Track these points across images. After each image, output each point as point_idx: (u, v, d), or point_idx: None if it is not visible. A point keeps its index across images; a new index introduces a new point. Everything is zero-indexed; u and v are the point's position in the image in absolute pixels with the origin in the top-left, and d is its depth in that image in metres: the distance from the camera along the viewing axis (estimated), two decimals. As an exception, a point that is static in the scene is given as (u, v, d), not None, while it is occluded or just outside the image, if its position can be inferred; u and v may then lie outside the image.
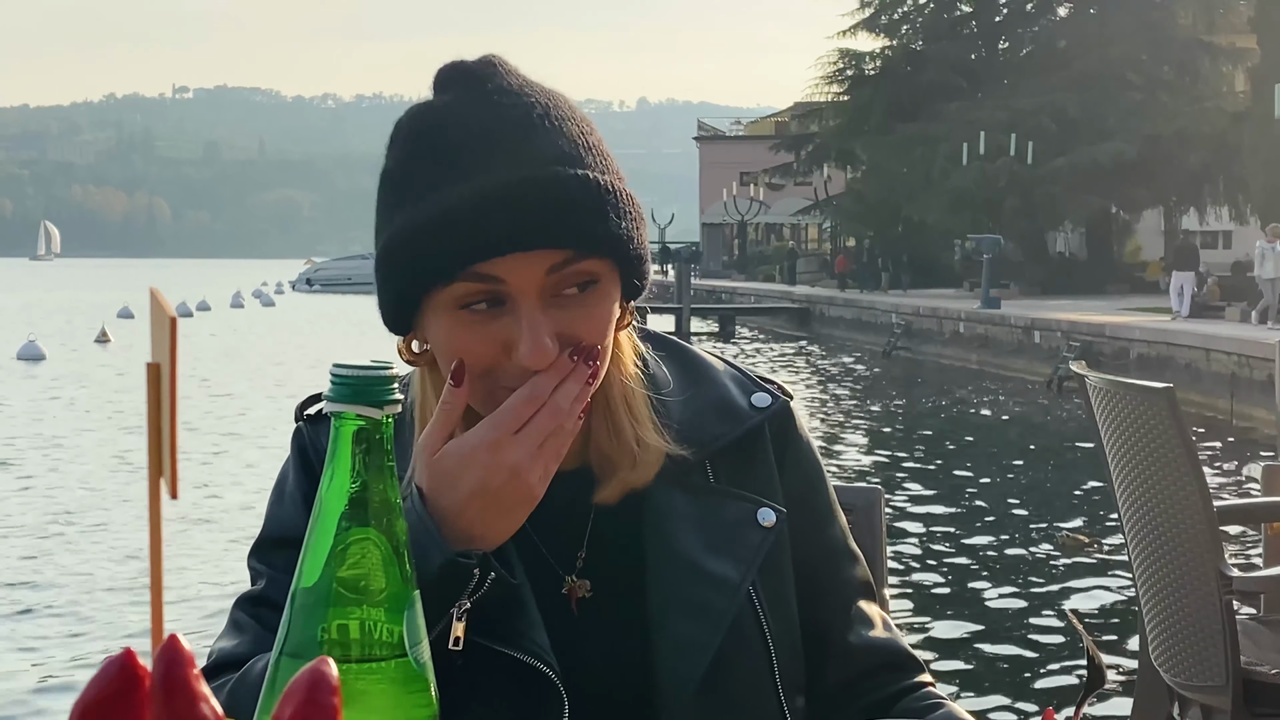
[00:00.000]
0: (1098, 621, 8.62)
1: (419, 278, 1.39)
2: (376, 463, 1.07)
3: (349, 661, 1.05)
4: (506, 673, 1.43)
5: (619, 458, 1.52)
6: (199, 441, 16.44)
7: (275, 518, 1.58)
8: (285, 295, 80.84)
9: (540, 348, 1.37)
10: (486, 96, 1.42)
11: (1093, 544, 10.75)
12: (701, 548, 1.52)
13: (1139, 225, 50.47)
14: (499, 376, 1.41)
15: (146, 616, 0.74)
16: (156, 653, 0.69)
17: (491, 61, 1.45)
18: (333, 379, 1.08)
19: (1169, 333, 23.60)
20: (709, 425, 1.58)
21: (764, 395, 1.62)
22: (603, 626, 1.51)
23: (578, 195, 1.37)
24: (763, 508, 1.56)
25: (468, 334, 1.40)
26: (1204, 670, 3.68)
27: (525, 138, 1.39)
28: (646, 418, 1.54)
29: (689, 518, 1.53)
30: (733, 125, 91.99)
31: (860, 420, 20.47)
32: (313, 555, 1.08)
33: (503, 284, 1.38)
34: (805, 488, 1.63)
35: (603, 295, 1.42)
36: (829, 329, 41.66)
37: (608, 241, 1.39)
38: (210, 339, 37.14)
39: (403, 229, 1.39)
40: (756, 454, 1.60)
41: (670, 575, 1.51)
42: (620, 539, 1.53)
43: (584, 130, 1.43)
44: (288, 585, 1.39)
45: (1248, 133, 34.39)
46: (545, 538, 1.53)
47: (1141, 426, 3.71)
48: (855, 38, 51.83)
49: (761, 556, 1.53)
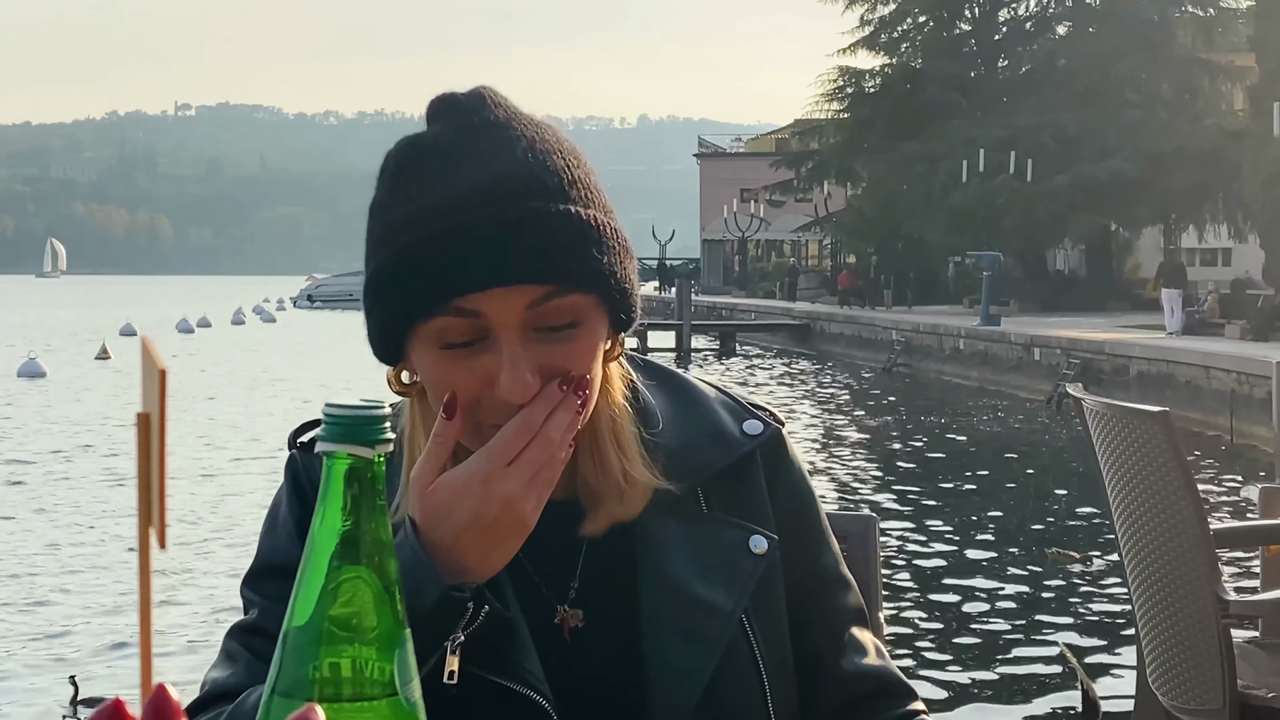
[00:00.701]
0: (1095, 644, 8.60)
1: (402, 310, 1.41)
2: (368, 502, 1.08)
3: (340, 700, 1.06)
4: (499, 702, 1.43)
5: (605, 492, 1.53)
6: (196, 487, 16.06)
7: (268, 546, 1.58)
8: (286, 311, 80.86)
9: (521, 383, 1.38)
10: (473, 130, 1.43)
11: (1083, 559, 10.76)
12: (694, 575, 1.52)
13: (1139, 243, 50.50)
14: (483, 410, 1.42)
15: (136, 665, 0.74)
16: (145, 702, 0.70)
17: (481, 94, 1.46)
18: (325, 418, 1.09)
19: (1169, 350, 23.60)
20: (701, 453, 1.58)
21: (755, 423, 1.62)
22: (596, 655, 1.52)
23: (558, 231, 1.38)
24: (755, 535, 1.56)
25: (451, 367, 1.41)
26: (1201, 694, 3.68)
27: (507, 172, 1.39)
28: (635, 452, 1.54)
29: (681, 545, 1.54)
30: (733, 142, 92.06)
31: (859, 437, 20.47)
32: (304, 594, 1.08)
33: (483, 319, 1.39)
34: (797, 514, 1.63)
35: (586, 330, 1.43)
36: (829, 345, 41.68)
37: (589, 277, 1.40)
38: (206, 362, 37.10)
39: (386, 262, 1.41)
40: (748, 481, 1.60)
41: (663, 603, 1.51)
42: (613, 568, 1.54)
43: (569, 164, 1.43)
44: (281, 614, 1.41)
45: (1247, 150, 34.43)
46: (538, 567, 1.54)
47: (1138, 450, 3.72)
48: (855, 56, 51.93)
49: (754, 584, 1.54)
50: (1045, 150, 41.95)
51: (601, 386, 1.50)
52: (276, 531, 1.58)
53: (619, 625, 1.52)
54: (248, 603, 1.57)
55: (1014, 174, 41.55)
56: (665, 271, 69.71)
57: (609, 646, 1.52)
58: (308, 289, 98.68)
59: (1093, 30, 46.55)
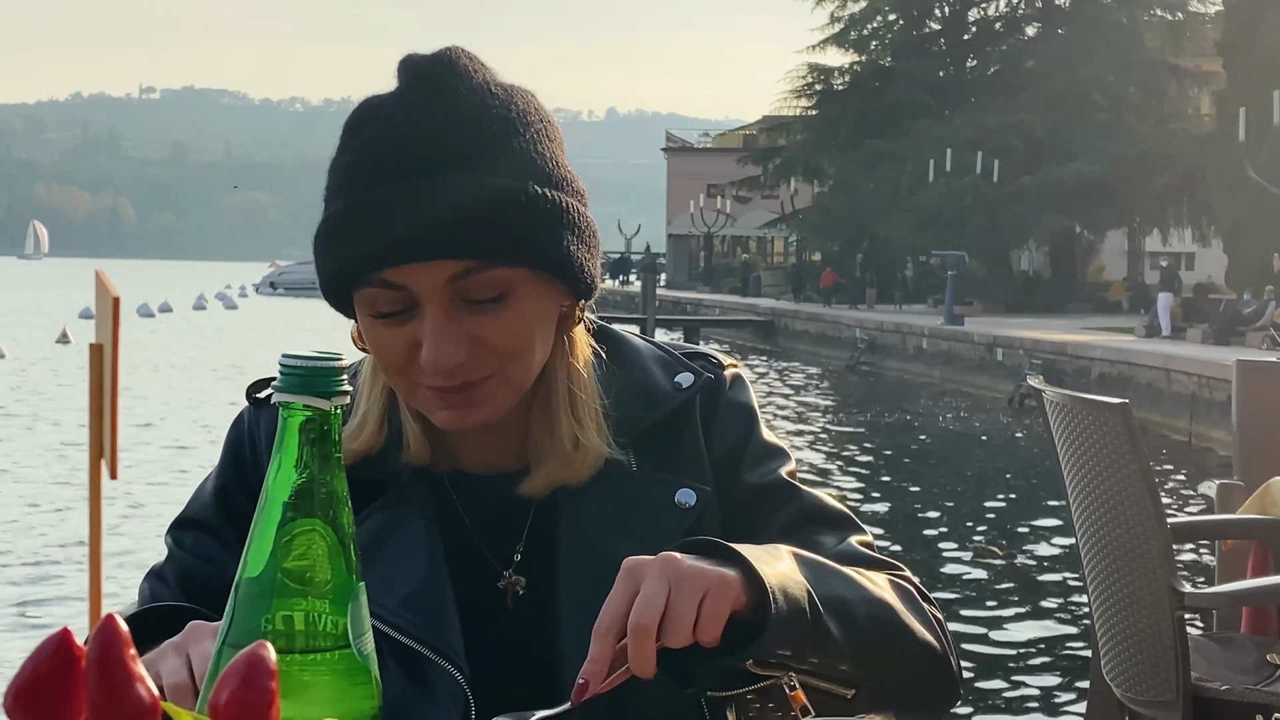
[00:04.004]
0: (1049, 636, 8.64)
1: (337, 276, 1.43)
2: (324, 453, 1.07)
3: (293, 652, 1.05)
4: (420, 668, 1.46)
5: (548, 454, 1.52)
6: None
7: (196, 499, 1.61)
8: (249, 298, 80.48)
9: (442, 353, 1.39)
10: (418, 95, 1.41)
11: (1006, 555, 10.84)
12: (615, 534, 1.50)
13: (1103, 246, 50.72)
14: (414, 374, 1.43)
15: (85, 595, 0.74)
16: (93, 632, 0.69)
17: (447, 55, 1.45)
18: (281, 369, 1.08)
19: (1130, 352, 23.73)
20: (630, 410, 1.56)
21: (688, 375, 1.60)
22: (533, 621, 1.52)
23: (479, 204, 1.37)
24: (682, 489, 1.54)
25: (382, 334, 1.43)
26: (1155, 686, 3.70)
27: (434, 142, 1.38)
28: (589, 419, 1.53)
29: (604, 506, 1.52)
30: (701, 137, 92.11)
31: (820, 433, 20.51)
32: (258, 545, 1.07)
33: (406, 291, 1.39)
34: (732, 446, 1.60)
35: (515, 302, 1.42)
36: (793, 343, 41.71)
37: (513, 250, 1.39)
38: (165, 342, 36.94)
39: (321, 227, 1.42)
40: (683, 435, 1.58)
41: (584, 565, 1.50)
42: (553, 534, 1.53)
43: (512, 132, 1.42)
44: (190, 565, 1.48)
45: (1212, 155, 34.63)
46: (484, 534, 1.54)
47: (1097, 441, 3.73)
48: (824, 53, 52.00)
49: (678, 538, 1.45)
50: (1012, 151, 42.10)
51: (558, 351, 1.51)
52: (205, 487, 1.61)
53: (555, 591, 1.51)
54: (168, 548, 1.60)
55: (980, 174, 41.69)
56: (625, 265, 69.77)
57: (545, 612, 1.51)
58: (270, 276, 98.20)
59: (1061, 32, 46.73)
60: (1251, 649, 3.98)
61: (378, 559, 1.47)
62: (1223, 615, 4.43)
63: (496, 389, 1.45)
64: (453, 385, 1.43)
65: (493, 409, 1.46)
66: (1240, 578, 4.22)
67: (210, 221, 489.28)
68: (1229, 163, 32.05)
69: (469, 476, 1.56)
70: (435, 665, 1.45)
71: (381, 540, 1.50)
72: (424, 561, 1.49)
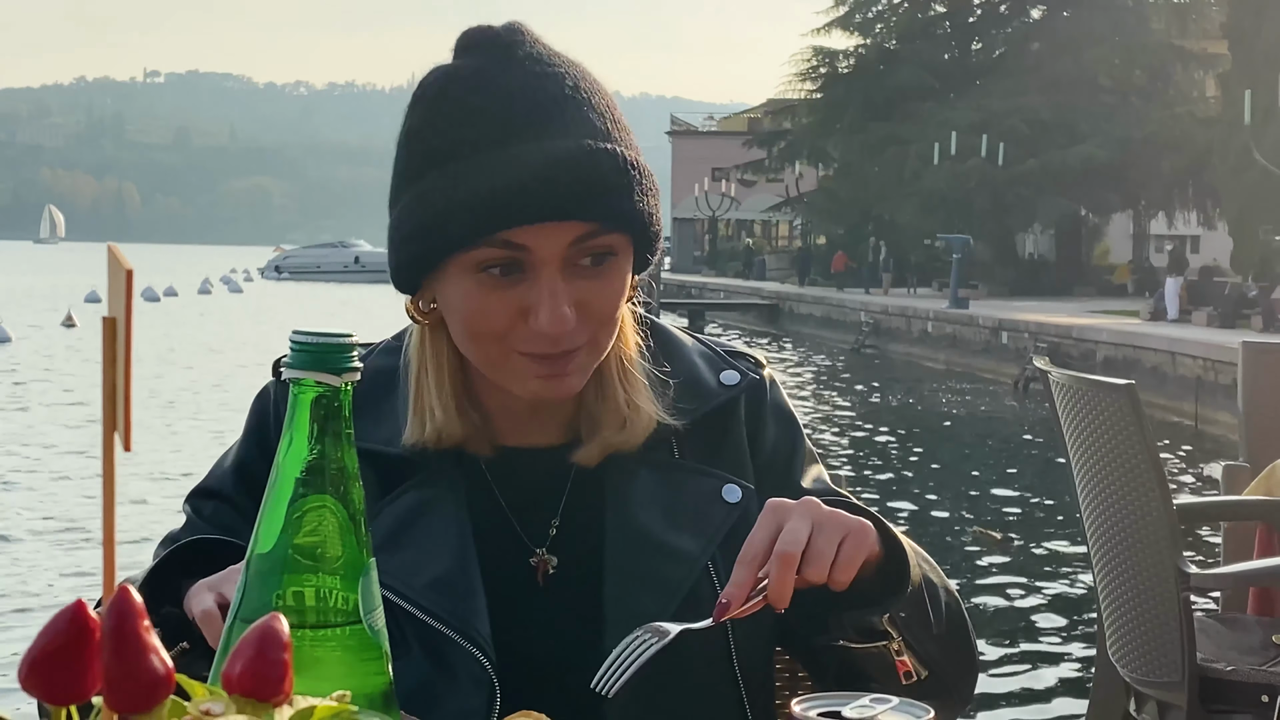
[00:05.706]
0: (1055, 618, 8.64)
1: (445, 240, 1.41)
2: (334, 430, 1.07)
3: (304, 628, 1.05)
4: (447, 651, 1.47)
5: (605, 418, 1.53)
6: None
7: (216, 469, 1.62)
8: (254, 283, 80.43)
9: (560, 316, 1.40)
10: (517, 63, 1.43)
11: (1001, 539, 10.84)
12: (662, 522, 1.52)
13: (1108, 229, 50.65)
14: (513, 341, 1.43)
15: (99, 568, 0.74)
16: (107, 604, 0.70)
17: (517, 27, 1.46)
18: (292, 346, 1.08)
19: (1136, 335, 23.69)
20: (676, 402, 1.58)
21: (733, 373, 1.62)
22: (564, 600, 1.53)
23: (607, 170, 1.39)
24: (728, 484, 1.56)
25: (487, 298, 1.42)
26: (1161, 666, 3.70)
27: (557, 109, 1.40)
28: (641, 386, 1.55)
29: (651, 493, 1.54)
30: (705, 120, 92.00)
31: (826, 417, 20.50)
32: (269, 521, 1.07)
33: (526, 251, 1.39)
34: (781, 450, 1.63)
35: (618, 268, 1.44)
36: (798, 326, 41.69)
37: (631, 216, 1.42)
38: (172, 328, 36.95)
39: (432, 190, 1.40)
40: (727, 431, 1.60)
41: (628, 550, 1.51)
42: (590, 515, 1.54)
43: (609, 104, 1.45)
44: (206, 533, 1.48)
45: (1217, 138, 34.54)
46: (518, 512, 1.55)
47: (1103, 423, 3.73)
48: (829, 36, 51.90)
49: (724, 532, 1.53)
50: (1017, 134, 42.02)
51: None
52: (226, 459, 1.62)
53: (589, 572, 1.52)
54: (186, 515, 1.61)
55: (985, 157, 41.61)
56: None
57: (576, 592, 1.52)
58: (275, 260, 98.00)
59: (1067, 15, 46.59)
60: (1257, 630, 3.98)
61: (408, 540, 1.49)
62: (1228, 596, 4.43)
63: (586, 359, 1.47)
64: (557, 352, 1.44)
65: (580, 379, 1.48)
66: (1246, 559, 4.22)
67: (215, 206, 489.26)
68: (1234, 146, 31.98)
69: (506, 452, 1.57)
70: (461, 649, 1.45)
71: (412, 521, 1.51)
72: (454, 543, 1.50)
